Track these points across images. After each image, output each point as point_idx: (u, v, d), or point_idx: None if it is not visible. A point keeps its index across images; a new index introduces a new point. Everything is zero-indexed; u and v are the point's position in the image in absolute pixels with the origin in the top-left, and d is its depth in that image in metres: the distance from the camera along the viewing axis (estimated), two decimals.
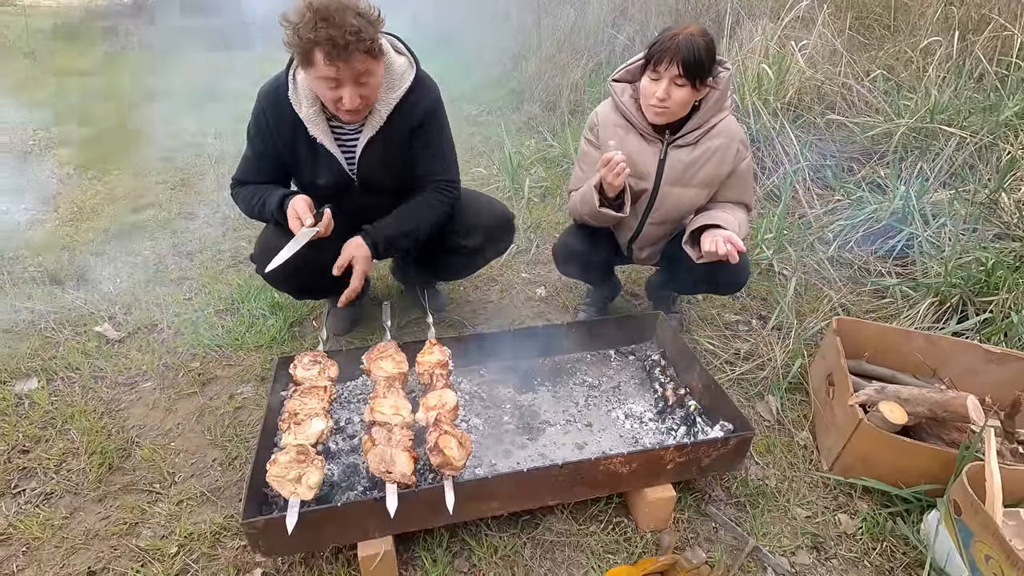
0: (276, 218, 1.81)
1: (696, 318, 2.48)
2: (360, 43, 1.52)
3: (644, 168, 1.92)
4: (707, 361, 2.22)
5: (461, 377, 1.94)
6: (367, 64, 1.59)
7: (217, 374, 2.17)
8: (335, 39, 1.49)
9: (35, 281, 2.67)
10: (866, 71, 3.70)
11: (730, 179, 1.94)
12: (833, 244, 2.85)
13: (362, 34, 1.51)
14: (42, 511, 1.63)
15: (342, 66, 1.54)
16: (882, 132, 3.32)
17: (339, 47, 1.50)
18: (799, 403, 2.06)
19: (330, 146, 1.83)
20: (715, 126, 1.87)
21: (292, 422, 1.49)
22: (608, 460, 1.47)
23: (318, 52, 1.53)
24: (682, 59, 1.67)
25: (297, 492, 1.33)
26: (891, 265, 2.70)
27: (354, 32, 1.50)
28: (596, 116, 1.98)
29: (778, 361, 2.16)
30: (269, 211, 1.82)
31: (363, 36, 1.52)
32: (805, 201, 3.19)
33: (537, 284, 2.78)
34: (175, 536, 1.56)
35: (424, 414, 1.53)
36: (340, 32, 1.48)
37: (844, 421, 1.74)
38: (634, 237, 2.10)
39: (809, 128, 3.51)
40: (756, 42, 3.79)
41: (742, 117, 3.49)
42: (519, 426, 1.78)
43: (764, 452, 1.87)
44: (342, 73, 1.56)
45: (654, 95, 1.76)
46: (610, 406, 1.87)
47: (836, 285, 2.60)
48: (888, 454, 1.64)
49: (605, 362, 2.06)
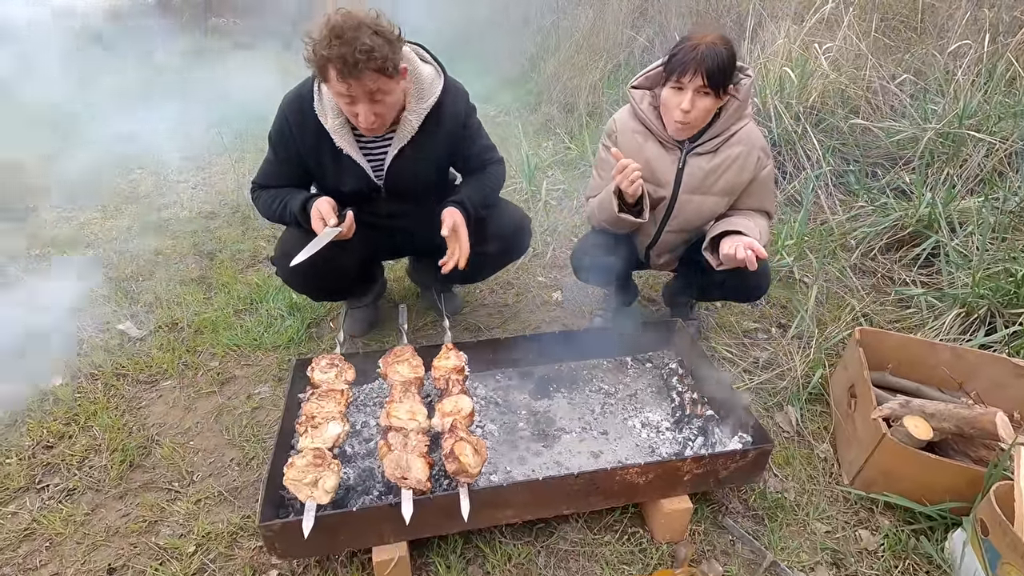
0: (299, 220, 1.82)
1: (714, 325, 2.46)
2: (371, 62, 1.52)
3: (662, 176, 1.90)
4: (725, 370, 2.20)
5: (477, 382, 1.94)
6: (380, 83, 1.59)
7: (235, 374, 2.19)
8: (346, 57, 1.50)
9: (62, 277, 2.73)
10: (892, 74, 3.62)
11: (751, 187, 1.91)
12: (856, 251, 2.80)
13: (375, 53, 1.52)
14: (65, 507, 1.66)
15: (354, 84, 1.55)
16: (908, 137, 3.26)
17: (349, 65, 1.51)
18: (819, 414, 2.02)
19: (356, 156, 1.85)
20: (735, 133, 1.84)
21: (309, 425, 1.50)
22: (624, 471, 1.45)
23: (331, 69, 1.54)
24: (706, 69, 1.65)
25: (313, 496, 1.34)
26: (916, 274, 2.64)
27: (366, 51, 1.50)
28: (614, 123, 1.97)
29: (798, 371, 2.12)
30: (291, 213, 1.83)
31: (375, 55, 1.52)
32: (827, 207, 3.13)
33: (553, 288, 2.77)
34: (193, 535, 1.58)
35: (440, 420, 1.53)
36: (351, 50, 1.49)
37: (866, 435, 1.71)
38: (652, 244, 2.08)
39: (832, 132, 3.45)
40: (778, 44, 3.74)
41: (763, 121, 3.44)
42: (534, 433, 1.77)
43: (783, 464, 1.84)
44: (354, 91, 1.57)
45: (678, 107, 1.73)
46: (626, 414, 1.85)
47: (859, 294, 2.56)
48: (912, 470, 1.60)
49: (622, 369, 2.04)
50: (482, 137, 2.03)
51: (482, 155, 2.03)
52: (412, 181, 1.92)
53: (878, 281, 2.70)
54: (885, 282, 2.69)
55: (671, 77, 1.72)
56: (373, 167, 1.90)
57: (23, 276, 2.72)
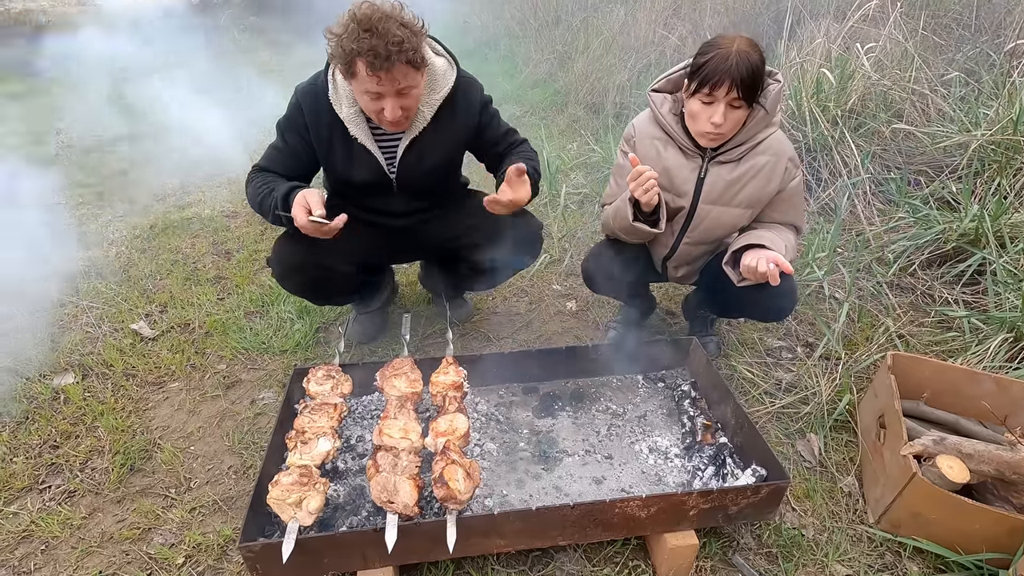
0: (279, 207, 1.69)
1: (735, 342, 2.33)
2: (402, 54, 1.49)
3: (681, 184, 1.79)
4: (744, 391, 2.08)
5: (479, 397, 1.88)
6: (409, 75, 1.56)
7: (241, 377, 2.18)
8: (377, 49, 1.46)
9: (83, 275, 2.78)
10: (940, 75, 3.40)
11: (777, 199, 1.78)
12: (893, 266, 2.62)
13: (405, 45, 1.48)
14: (64, 509, 1.67)
15: (384, 77, 1.51)
16: (956, 143, 3.04)
17: (381, 57, 1.47)
18: (845, 444, 1.89)
19: (370, 146, 1.81)
20: (762, 142, 1.72)
21: (299, 440, 1.46)
22: (624, 503, 1.36)
23: (360, 63, 1.50)
24: (740, 81, 1.54)
25: (296, 517, 1.30)
26: (959, 293, 2.45)
27: (397, 43, 1.47)
28: (633, 128, 1.87)
29: (824, 395, 1.99)
30: (274, 199, 1.70)
31: (406, 47, 1.49)
32: (864, 217, 2.95)
33: (568, 297, 2.68)
34: (184, 545, 1.56)
35: (433, 440, 1.47)
36: (383, 42, 1.46)
37: (896, 471, 1.57)
38: (669, 255, 1.97)
39: (872, 137, 3.25)
40: (816, 44, 3.54)
41: (798, 125, 3.26)
42: (535, 454, 1.70)
43: (802, 497, 1.72)
44: (384, 84, 1.53)
45: (708, 120, 1.62)
46: (633, 437, 1.76)
47: (894, 313, 2.39)
48: (945, 514, 1.46)
49: (632, 388, 1.95)
50: (502, 124, 1.99)
51: (508, 137, 1.99)
52: (423, 174, 1.87)
53: (916, 299, 2.52)
54: (924, 300, 2.51)
55: (700, 88, 1.60)
56: (386, 158, 1.85)
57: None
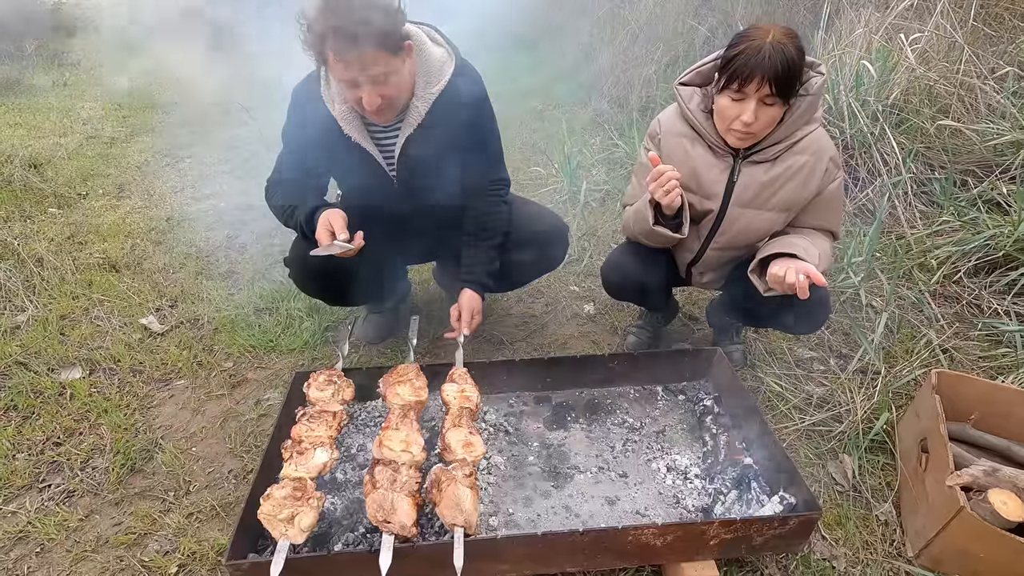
0: (304, 228, 1.71)
1: (763, 351, 2.19)
2: (370, 36, 1.39)
3: (710, 186, 1.66)
4: (772, 406, 1.94)
5: (488, 406, 1.79)
6: (382, 60, 1.46)
7: (248, 376, 2.13)
8: (342, 29, 1.37)
9: (97, 267, 2.77)
10: (992, 69, 3.17)
11: (814, 203, 1.65)
12: (937, 273, 2.44)
13: (371, 25, 1.39)
14: (61, 510, 1.64)
15: (352, 62, 1.42)
16: (1008, 141, 2.83)
17: (345, 39, 1.38)
18: (882, 468, 1.75)
19: (366, 144, 1.72)
20: (800, 140, 1.58)
21: (295, 451, 1.39)
22: (638, 530, 1.26)
23: (327, 47, 1.42)
24: (773, 76, 1.39)
25: (287, 535, 1.22)
26: (1010, 304, 2.27)
27: (363, 23, 1.37)
28: (658, 124, 1.75)
29: (859, 413, 1.84)
30: (297, 221, 1.72)
31: (374, 28, 1.39)
32: (905, 219, 2.77)
33: (586, 300, 2.57)
34: (178, 553, 1.51)
35: (442, 454, 1.39)
36: (347, 20, 1.37)
37: (940, 502, 1.44)
38: (695, 261, 1.85)
39: (915, 135, 3.05)
40: (857, 34, 3.34)
41: (835, 120, 3.08)
42: (545, 469, 1.60)
43: (834, 525, 1.59)
44: (353, 69, 1.44)
45: (738, 118, 1.49)
46: (651, 454, 1.65)
47: (938, 324, 2.22)
48: (997, 553, 1.33)
49: (650, 400, 1.84)
50: (491, 139, 1.84)
51: (481, 165, 1.82)
52: (424, 172, 1.78)
53: (962, 310, 2.35)
54: (971, 311, 2.34)
55: (731, 84, 1.47)
56: (385, 157, 1.76)
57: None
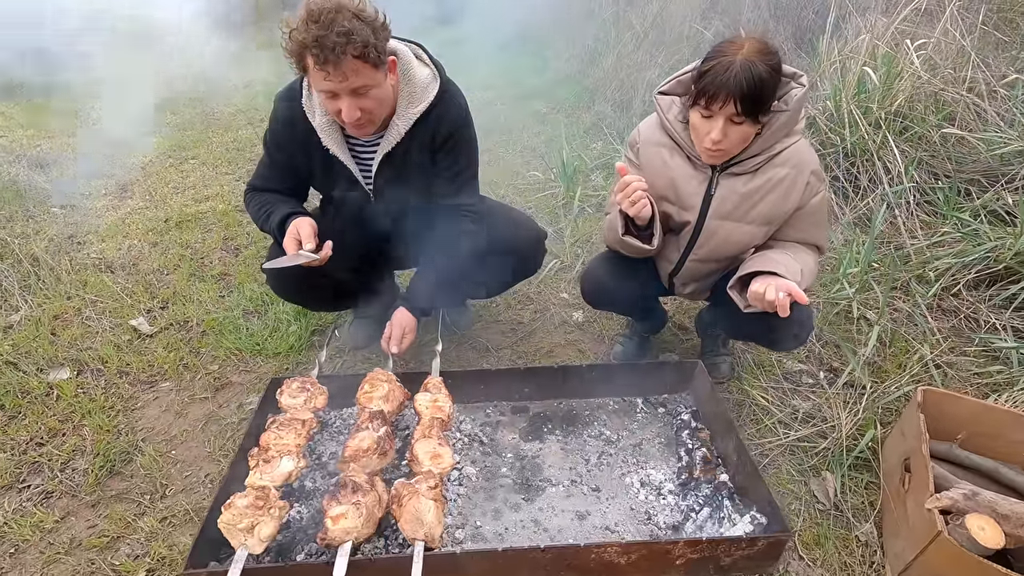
0: (275, 235, 1.73)
1: (751, 363, 2.15)
2: (351, 46, 1.38)
3: (688, 198, 1.64)
4: (757, 419, 1.91)
5: (464, 415, 1.78)
6: (362, 72, 1.45)
7: (232, 380, 2.14)
8: (322, 40, 1.37)
9: (93, 268, 2.80)
10: (1001, 76, 3.10)
11: (797, 216, 1.61)
12: (936, 286, 2.38)
13: (354, 36, 1.38)
14: (38, 511, 1.65)
15: (332, 72, 1.41)
16: (1015, 151, 2.76)
17: (327, 49, 1.37)
18: (865, 486, 1.71)
19: (344, 158, 1.73)
20: (781, 152, 1.55)
21: (261, 459, 1.39)
22: (602, 548, 1.24)
23: (308, 56, 1.42)
24: (739, 96, 1.37)
25: (246, 544, 1.22)
26: (1008, 319, 2.21)
27: (344, 33, 1.37)
28: (638, 133, 1.72)
29: (844, 429, 1.80)
30: (271, 227, 1.74)
31: (355, 39, 1.38)
32: (905, 230, 2.71)
33: (576, 307, 2.55)
34: (148, 559, 1.52)
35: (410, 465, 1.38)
36: (328, 32, 1.36)
37: (919, 525, 1.40)
38: (675, 271, 1.82)
39: (919, 143, 2.99)
40: (860, 40, 3.28)
41: (835, 128, 3.03)
42: (517, 481, 1.59)
43: (812, 545, 1.55)
44: (333, 79, 1.43)
45: (707, 136, 1.47)
46: (625, 468, 1.62)
47: (933, 339, 2.17)
48: None
49: (629, 412, 1.81)
50: (468, 165, 1.80)
51: (452, 189, 1.78)
52: (401, 190, 1.77)
53: (959, 323, 2.29)
54: (968, 325, 2.28)
55: (699, 100, 1.44)
56: (362, 172, 1.76)
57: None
